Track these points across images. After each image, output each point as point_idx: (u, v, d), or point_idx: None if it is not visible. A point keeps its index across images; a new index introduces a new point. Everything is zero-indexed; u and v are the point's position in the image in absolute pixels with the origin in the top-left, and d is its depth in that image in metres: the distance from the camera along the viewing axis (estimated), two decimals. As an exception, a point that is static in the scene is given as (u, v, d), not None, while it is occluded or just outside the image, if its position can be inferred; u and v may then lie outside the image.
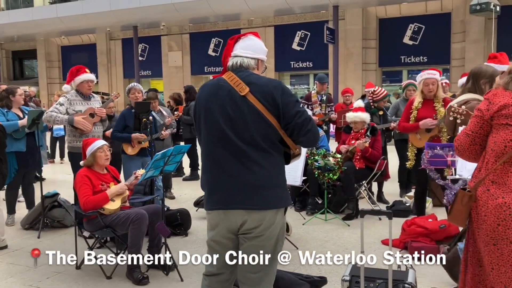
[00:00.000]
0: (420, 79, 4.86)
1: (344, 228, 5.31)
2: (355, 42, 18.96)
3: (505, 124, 1.99)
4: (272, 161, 2.29)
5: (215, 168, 2.33)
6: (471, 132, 2.11)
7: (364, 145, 5.68)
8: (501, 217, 1.92)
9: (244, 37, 2.45)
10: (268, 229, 2.28)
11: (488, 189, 1.99)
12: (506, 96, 2.01)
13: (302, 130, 2.26)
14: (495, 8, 12.64)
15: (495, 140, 2.01)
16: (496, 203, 1.94)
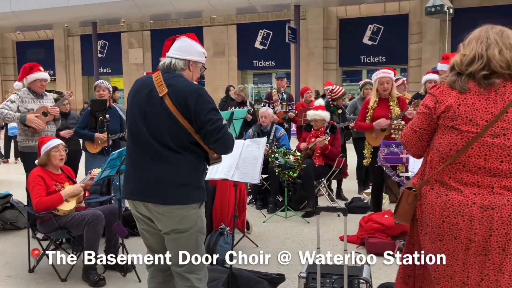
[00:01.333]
0: (375, 78, 4.97)
1: (304, 225, 5.37)
2: (316, 41, 19.20)
3: (450, 126, 1.96)
4: (182, 160, 2.37)
5: (129, 161, 2.50)
6: (418, 128, 2.08)
7: (324, 143, 5.77)
8: (445, 214, 1.95)
9: (178, 39, 2.51)
10: (180, 224, 2.40)
11: (432, 187, 2.02)
12: (452, 96, 1.96)
13: (212, 137, 2.34)
14: (449, 10, 13.09)
15: (441, 141, 2.00)
16: (440, 201, 1.97)
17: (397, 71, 18.60)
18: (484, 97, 1.92)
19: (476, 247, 1.92)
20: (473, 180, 1.93)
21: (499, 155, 1.90)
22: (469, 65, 1.96)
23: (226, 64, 20.72)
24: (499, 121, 1.89)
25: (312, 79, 18.28)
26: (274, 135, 6.31)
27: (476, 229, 1.91)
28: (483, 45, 1.95)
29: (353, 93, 16.08)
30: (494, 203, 1.89)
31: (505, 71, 1.90)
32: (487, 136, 1.90)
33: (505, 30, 1.99)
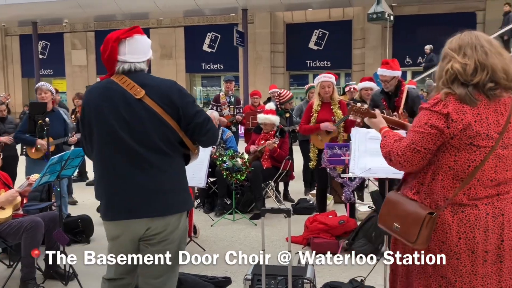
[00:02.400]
0: (317, 82, 5.14)
1: (251, 228, 5.40)
2: (263, 45, 19.40)
3: (468, 143, 1.89)
4: (174, 164, 2.24)
5: (112, 175, 2.21)
6: (423, 148, 1.93)
7: (273, 146, 5.86)
8: (462, 231, 1.93)
9: (129, 38, 2.28)
10: (172, 234, 2.24)
11: (445, 206, 1.96)
12: (467, 113, 1.88)
13: (203, 129, 2.24)
14: (390, 17, 13.64)
15: (456, 159, 1.92)
16: (457, 218, 1.94)
17: (342, 76, 19.18)
18: (492, 109, 1.90)
19: (492, 256, 1.92)
20: (485, 193, 1.93)
21: (506, 165, 1.93)
22: (473, 74, 1.89)
23: (173, 66, 20.50)
24: (506, 132, 1.90)
25: (260, 82, 18.45)
26: (221, 138, 6.31)
27: (490, 239, 1.91)
28: (481, 53, 1.89)
29: (300, 96, 16.37)
30: (503, 209, 1.93)
31: (505, 82, 1.89)
32: (499, 148, 1.90)
33: (490, 38, 1.98)
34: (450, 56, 1.94)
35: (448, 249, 1.94)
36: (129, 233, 2.23)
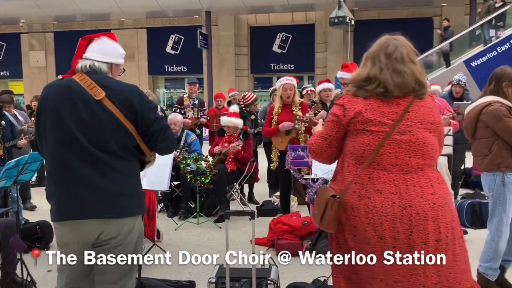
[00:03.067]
0: (279, 85, 5.19)
1: (216, 231, 5.38)
2: (228, 48, 19.41)
3: (361, 129, 2.08)
4: (128, 168, 2.21)
5: (66, 176, 2.17)
6: (328, 135, 2.18)
7: (237, 148, 5.86)
8: (369, 216, 2.03)
9: (97, 39, 2.30)
10: (127, 237, 2.21)
11: (353, 191, 2.09)
12: (359, 103, 2.10)
13: (160, 136, 2.22)
14: (351, 22, 13.92)
15: (354, 144, 2.10)
16: (363, 203, 2.05)
17: (305, 79, 19.41)
18: (386, 101, 2.09)
19: (401, 245, 2.02)
20: (389, 178, 2.05)
21: (407, 151, 2.04)
22: (364, 82, 2.11)
23: (136, 68, 20.20)
24: (404, 120, 2.05)
25: (224, 84, 18.44)
26: (185, 141, 6.26)
27: (398, 227, 2.01)
28: (376, 69, 2.09)
29: (264, 99, 16.45)
30: (411, 201, 2.01)
31: (398, 94, 2.07)
32: (395, 134, 2.04)
33: (396, 51, 2.11)
34: (362, 61, 2.18)
35: (359, 233, 2.06)
36: (79, 236, 2.18)
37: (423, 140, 2.06)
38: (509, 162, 3.26)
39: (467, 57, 12.88)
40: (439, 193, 2.06)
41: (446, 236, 2.04)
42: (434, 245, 2.01)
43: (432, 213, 2.01)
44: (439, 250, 2.03)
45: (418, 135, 2.06)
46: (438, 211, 2.02)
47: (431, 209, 2.01)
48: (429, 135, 2.09)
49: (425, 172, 2.07)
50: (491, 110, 3.26)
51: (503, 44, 12.35)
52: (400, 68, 2.08)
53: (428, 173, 2.08)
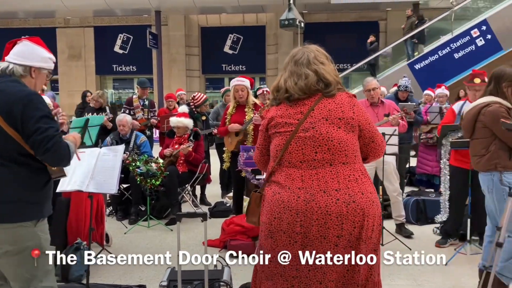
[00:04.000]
0: (232, 85, 5.21)
1: (167, 233, 5.30)
2: (178, 48, 19.20)
3: (274, 132, 2.24)
4: (7, 174, 2.18)
5: None
6: (259, 145, 2.38)
7: (187, 150, 5.78)
8: (276, 211, 2.13)
9: (20, 42, 2.31)
10: (17, 244, 2.21)
11: (270, 187, 2.21)
12: (272, 110, 2.30)
13: (40, 148, 2.17)
14: (300, 24, 14.13)
15: (271, 147, 2.28)
16: (274, 199, 2.15)
17: (257, 80, 19.52)
18: (293, 103, 2.23)
19: (302, 239, 2.08)
20: (298, 174, 2.13)
21: (312, 147, 2.13)
22: (276, 92, 2.30)
23: (82, 68, 19.57)
24: (308, 117, 2.16)
25: (175, 85, 18.20)
26: (135, 143, 6.13)
27: (301, 221, 2.07)
28: (283, 78, 2.26)
29: (216, 100, 16.42)
30: (314, 195, 2.08)
31: (303, 96, 2.21)
32: (300, 132, 2.16)
33: (303, 56, 2.25)
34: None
35: (266, 228, 2.17)
36: None
37: (327, 135, 2.13)
38: (506, 162, 3.21)
39: (411, 60, 13.41)
40: (345, 190, 2.08)
41: (350, 233, 2.06)
42: (334, 240, 2.06)
43: (335, 208, 2.05)
44: (339, 246, 2.07)
45: (322, 131, 2.14)
46: (343, 207, 2.05)
47: (334, 205, 2.05)
48: (336, 130, 2.14)
49: (334, 168, 2.11)
50: (490, 111, 3.22)
51: (444, 48, 12.95)
52: (303, 71, 2.21)
53: (339, 169, 2.11)
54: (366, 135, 2.21)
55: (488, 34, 12.60)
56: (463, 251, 4.41)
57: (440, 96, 7.06)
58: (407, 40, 13.66)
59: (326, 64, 2.23)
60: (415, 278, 3.81)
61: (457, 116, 4.61)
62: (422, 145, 7.00)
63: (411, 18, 13.95)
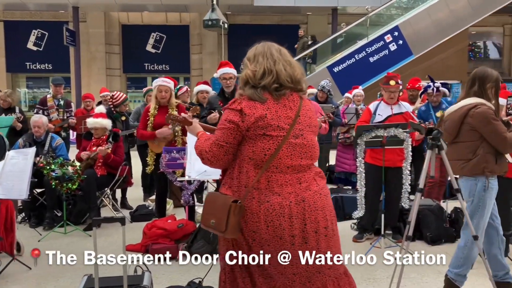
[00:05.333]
0: (155, 85, 5.08)
1: (85, 239, 5.08)
2: (98, 46, 18.46)
3: (262, 134, 2.13)
4: None
5: None
6: (225, 143, 2.15)
7: (106, 152, 5.57)
8: (269, 219, 2.12)
9: None
10: None
11: (253, 197, 2.13)
12: (258, 108, 2.14)
13: None
14: (224, 25, 14.17)
15: (254, 149, 2.14)
16: (263, 208, 2.12)
17: (181, 80, 19.30)
18: (281, 104, 2.18)
19: (298, 239, 2.14)
20: (285, 179, 2.16)
21: (300, 153, 2.19)
22: (261, 78, 2.17)
23: (-9, 65, 18.20)
24: (297, 124, 2.19)
25: (94, 84, 17.49)
26: (50, 145, 5.81)
27: (295, 224, 2.13)
28: (270, 61, 2.18)
29: (138, 100, 16.00)
30: (304, 196, 2.16)
31: (290, 85, 2.19)
32: (291, 138, 2.17)
33: (281, 48, 2.29)
34: (245, 65, 2.25)
35: (259, 237, 2.14)
36: None
37: (312, 143, 2.25)
38: (493, 167, 3.11)
39: (330, 63, 13.94)
40: (321, 185, 2.25)
41: (332, 222, 2.25)
42: (323, 232, 2.19)
43: (320, 202, 2.20)
44: (328, 236, 2.21)
45: (308, 138, 2.23)
46: (324, 200, 2.22)
47: (319, 199, 2.19)
48: (314, 137, 2.29)
49: (311, 170, 2.25)
50: (479, 113, 3.08)
51: (360, 52, 13.61)
52: (290, 60, 2.24)
53: (312, 169, 2.27)
54: None
55: (400, 40, 13.43)
56: (378, 245, 4.65)
57: (356, 96, 7.39)
58: (300, 59, 14.24)
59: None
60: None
61: (372, 115, 4.86)
62: (340, 144, 7.30)
63: (303, 38, 14.61)
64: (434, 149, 3.31)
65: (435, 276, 3.83)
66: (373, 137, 4.61)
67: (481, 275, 3.65)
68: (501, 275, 3.33)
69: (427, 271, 3.86)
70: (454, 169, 3.24)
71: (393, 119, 4.73)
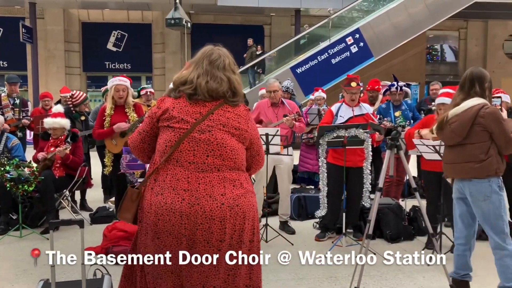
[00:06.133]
0: (111, 85, 4.97)
1: (43, 243, 4.90)
2: (56, 43, 17.93)
3: (166, 126, 2.16)
4: None
5: None
6: (142, 131, 2.27)
7: (64, 152, 5.41)
8: (160, 212, 2.09)
9: None
10: None
11: (152, 187, 2.15)
12: (168, 101, 2.21)
13: None
14: (187, 24, 14.05)
15: (160, 141, 2.19)
16: (157, 200, 2.11)
17: (143, 79, 19.00)
18: (193, 102, 2.19)
19: (188, 240, 2.10)
20: (185, 175, 2.10)
21: (205, 150, 2.13)
22: (182, 85, 2.21)
23: None
24: (206, 120, 2.15)
25: (53, 83, 16.97)
26: (5, 145, 5.60)
27: (185, 223, 2.08)
28: (195, 73, 2.18)
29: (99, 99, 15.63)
30: (199, 199, 2.09)
31: (207, 98, 2.18)
32: (195, 132, 2.13)
33: (219, 59, 2.22)
34: (186, 65, 2.28)
35: (151, 229, 2.13)
36: None
37: (222, 141, 2.15)
38: (502, 166, 3.09)
39: (293, 64, 14.07)
40: (230, 194, 2.12)
41: (231, 237, 2.13)
42: (217, 245, 2.10)
43: (220, 213, 2.09)
44: (222, 250, 2.12)
45: (217, 136, 2.15)
46: (226, 212, 2.10)
47: (219, 209, 2.09)
48: (230, 138, 2.18)
49: (222, 173, 2.14)
50: (490, 113, 3.04)
51: (323, 53, 13.80)
52: (218, 74, 2.19)
53: (226, 174, 2.15)
54: (254, 148, 2.31)
55: (361, 42, 13.70)
56: (339, 243, 4.73)
57: (318, 99, 7.50)
58: (248, 68, 14.37)
59: (237, 74, 2.26)
60: (296, 272, 3.95)
61: (334, 117, 4.94)
62: (303, 144, 7.37)
63: (251, 48, 14.76)
64: (393, 149, 3.40)
65: (394, 274, 3.92)
66: (334, 137, 4.68)
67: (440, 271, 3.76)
68: (462, 274, 3.40)
69: (387, 269, 3.94)
70: (461, 171, 3.16)
71: (354, 121, 4.82)
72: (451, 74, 20.41)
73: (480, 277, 3.69)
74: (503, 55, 20.44)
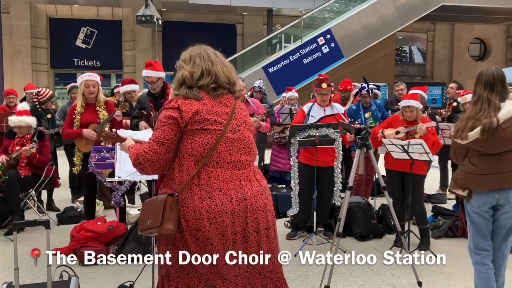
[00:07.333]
0: (81, 81, 4.81)
1: (7, 245, 4.77)
2: (22, 39, 17.43)
3: (199, 129, 2.13)
4: None
5: None
6: (166, 140, 2.11)
7: (30, 152, 5.26)
8: (211, 216, 2.07)
9: None
10: None
11: (194, 193, 2.09)
12: (193, 104, 2.15)
13: None
14: (158, 21, 13.89)
15: (192, 145, 2.12)
16: (205, 205, 2.08)
17: (113, 77, 18.69)
18: (217, 101, 2.21)
19: (240, 237, 2.13)
20: (227, 175, 2.14)
21: (238, 148, 2.20)
22: (199, 79, 2.19)
23: None
24: (233, 119, 2.21)
25: (19, 80, 16.49)
26: (-33, 144, 5.40)
27: (237, 221, 2.11)
28: (208, 62, 2.20)
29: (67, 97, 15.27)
30: (245, 194, 2.15)
31: (227, 86, 2.24)
32: (228, 132, 2.18)
33: (216, 51, 2.30)
34: (181, 66, 2.25)
35: (202, 235, 2.09)
36: None
37: (249, 138, 2.27)
38: None
39: (266, 63, 14.10)
40: (263, 185, 2.27)
41: (274, 223, 2.26)
42: (265, 233, 2.20)
43: (262, 202, 2.20)
44: (269, 237, 2.22)
45: (245, 134, 2.25)
46: (265, 200, 2.23)
47: (260, 199, 2.20)
48: (250, 134, 2.31)
49: (251, 168, 2.26)
50: None
51: (294, 53, 13.88)
52: (225, 62, 2.28)
53: (253, 168, 2.28)
54: None
55: (332, 43, 13.85)
56: (310, 242, 4.76)
57: (290, 99, 7.53)
58: None
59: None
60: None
61: (306, 117, 4.97)
62: (275, 143, 7.40)
63: None
64: (363, 148, 3.45)
65: (364, 271, 3.98)
66: (306, 136, 4.71)
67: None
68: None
69: (357, 267, 4.00)
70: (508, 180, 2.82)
71: (326, 121, 4.86)
72: (419, 75, 20.90)
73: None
74: (468, 58, 21.05)
